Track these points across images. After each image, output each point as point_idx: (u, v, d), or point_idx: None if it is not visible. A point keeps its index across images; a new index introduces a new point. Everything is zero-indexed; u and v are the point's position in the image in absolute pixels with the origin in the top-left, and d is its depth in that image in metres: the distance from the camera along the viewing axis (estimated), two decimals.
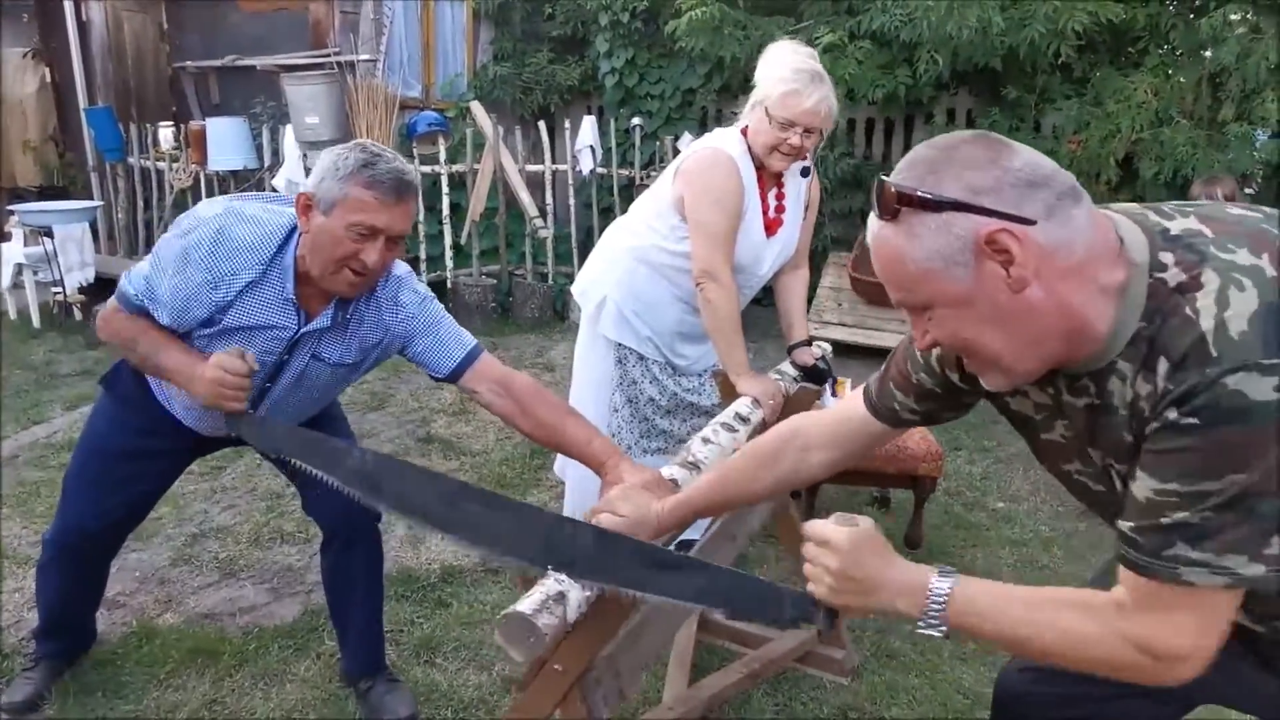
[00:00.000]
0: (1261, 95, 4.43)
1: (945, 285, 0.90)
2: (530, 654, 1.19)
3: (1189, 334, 0.83)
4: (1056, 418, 1.03)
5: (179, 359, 1.65)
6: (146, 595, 2.54)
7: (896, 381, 1.21)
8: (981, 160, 0.89)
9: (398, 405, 4.19)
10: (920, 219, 0.89)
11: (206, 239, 1.60)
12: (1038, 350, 0.92)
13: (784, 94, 2.06)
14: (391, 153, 1.59)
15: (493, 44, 7.10)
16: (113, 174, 6.53)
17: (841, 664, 2.22)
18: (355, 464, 1.52)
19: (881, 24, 4.78)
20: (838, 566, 1.00)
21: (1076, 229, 0.88)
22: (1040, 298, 0.88)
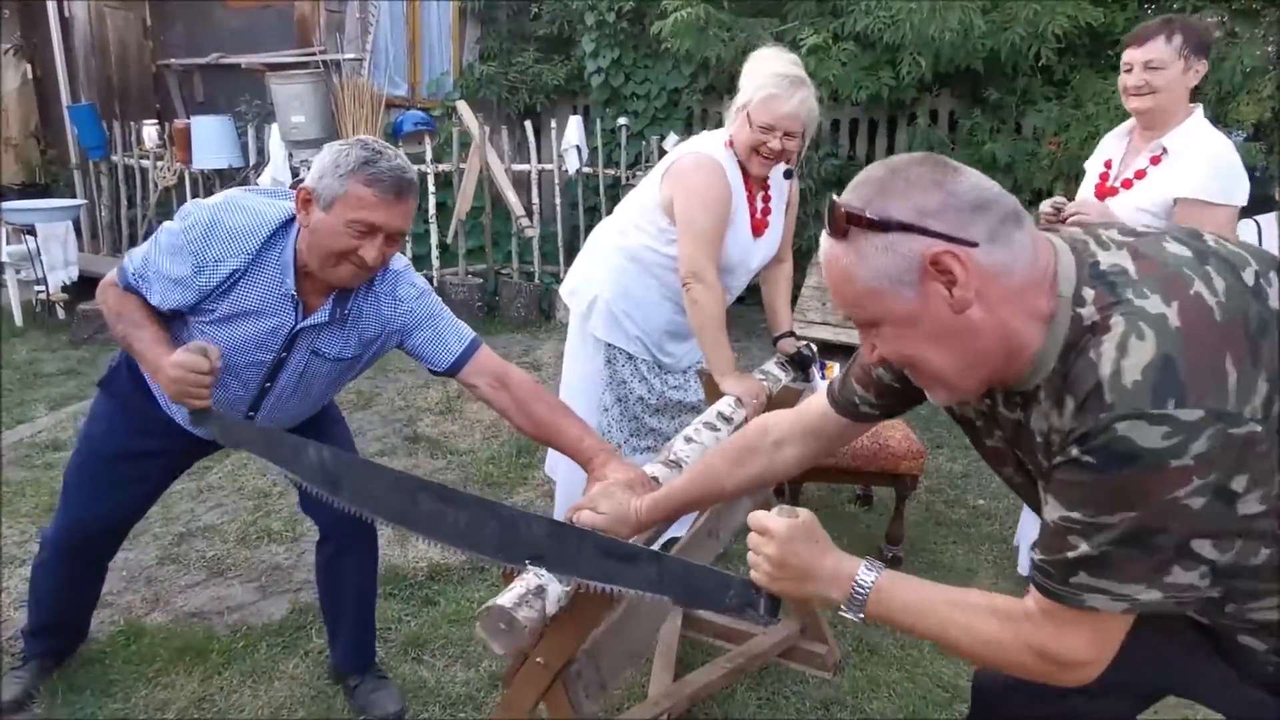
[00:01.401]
0: (1237, 99, 4.51)
1: (891, 304, 0.94)
2: (510, 646, 1.22)
3: (1090, 378, 0.87)
4: (994, 426, 1.09)
5: (149, 347, 1.65)
6: (134, 594, 2.54)
7: (858, 378, 1.26)
8: (928, 183, 0.92)
9: (384, 404, 4.19)
10: (868, 239, 0.93)
11: (200, 223, 1.62)
12: (978, 369, 0.97)
13: (764, 98, 2.09)
14: (393, 150, 1.60)
15: (479, 43, 7.11)
16: (96, 172, 6.49)
17: (824, 659, 2.26)
18: (314, 460, 1.56)
19: (865, 26, 4.83)
20: (775, 554, 1.07)
21: (1017, 253, 0.92)
22: (981, 318, 0.92)
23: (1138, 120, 2.29)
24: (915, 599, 1.03)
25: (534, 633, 1.27)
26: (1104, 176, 2.37)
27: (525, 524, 1.35)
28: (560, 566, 1.30)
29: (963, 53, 4.78)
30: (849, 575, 1.04)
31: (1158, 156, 2.22)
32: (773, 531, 1.07)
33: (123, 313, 1.68)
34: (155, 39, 6.90)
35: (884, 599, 1.03)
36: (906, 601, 1.03)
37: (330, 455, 1.57)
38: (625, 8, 5.97)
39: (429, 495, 1.45)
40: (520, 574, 1.30)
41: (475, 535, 1.38)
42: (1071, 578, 0.92)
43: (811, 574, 1.06)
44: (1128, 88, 2.23)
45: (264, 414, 1.81)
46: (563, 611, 1.30)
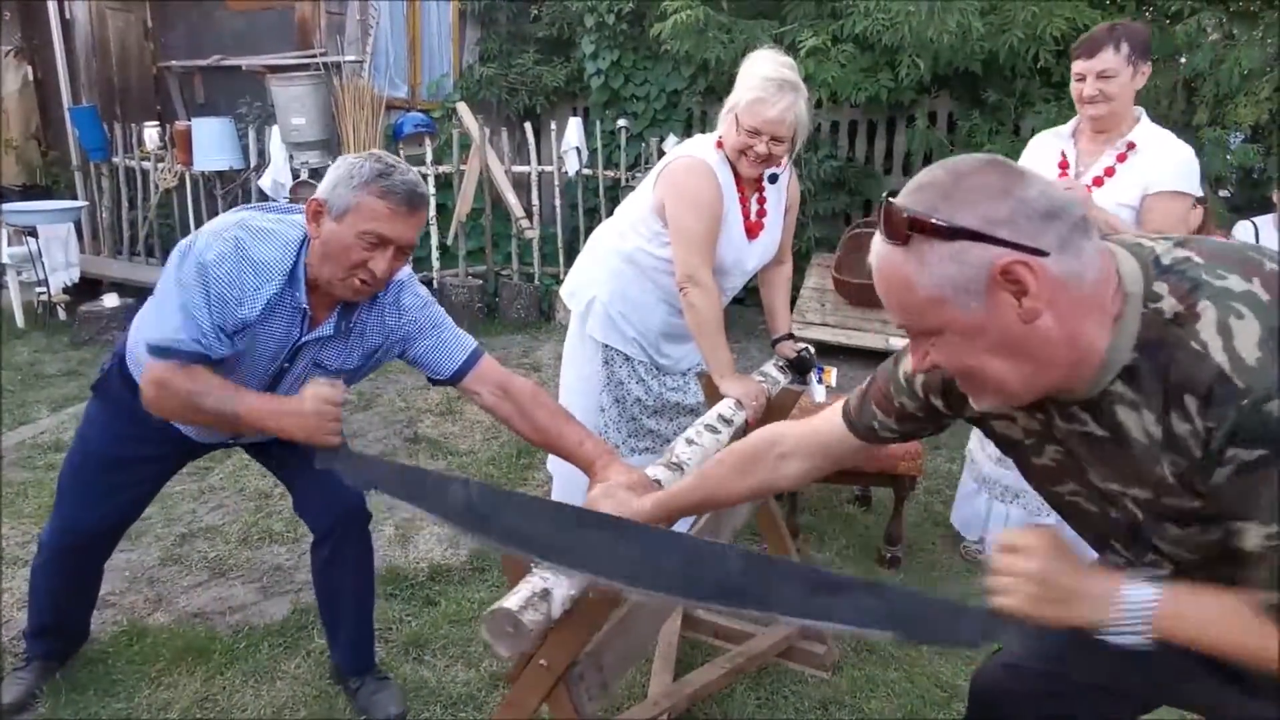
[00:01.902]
0: (1235, 100, 4.53)
1: (955, 314, 0.90)
2: (515, 649, 1.22)
3: (1205, 368, 0.84)
4: (1048, 443, 1.04)
5: (259, 403, 1.60)
6: (136, 595, 2.56)
7: (878, 402, 1.22)
8: (996, 189, 0.88)
9: (385, 405, 4.21)
10: (932, 246, 0.89)
11: (227, 258, 1.59)
12: (1042, 378, 0.93)
13: (751, 101, 2.09)
14: (405, 165, 1.62)
15: (479, 45, 7.12)
16: (97, 174, 6.50)
17: (822, 659, 2.27)
18: (459, 499, 1.41)
19: (864, 28, 4.83)
20: (1038, 573, 0.95)
21: (1087, 261, 0.89)
22: (1050, 328, 0.89)
23: (1090, 124, 2.41)
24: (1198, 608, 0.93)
25: (539, 635, 1.27)
26: (1063, 176, 2.44)
27: (714, 557, 1.21)
28: (758, 604, 1.17)
29: (961, 55, 4.80)
30: (1120, 594, 0.93)
31: (1124, 154, 2.35)
32: (1033, 549, 0.95)
33: (206, 390, 1.59)
34: (156, 41, 6.91)
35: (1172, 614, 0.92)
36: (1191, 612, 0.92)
37: (478, 492, 1.43)
38: (625, 9, 5.98)
39: (596, 529, 1.31)
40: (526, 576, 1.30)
41: (655, 571, 1.22)
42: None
43: (1078, 594, 0.94)
44: (1083, 97, 2.34)
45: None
46: (567, 614, 1.30)
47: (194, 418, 1.64)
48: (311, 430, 1.56)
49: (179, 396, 1.59)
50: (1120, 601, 0.93)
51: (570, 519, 1.34)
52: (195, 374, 1.60)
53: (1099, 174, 2.38)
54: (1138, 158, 2.34)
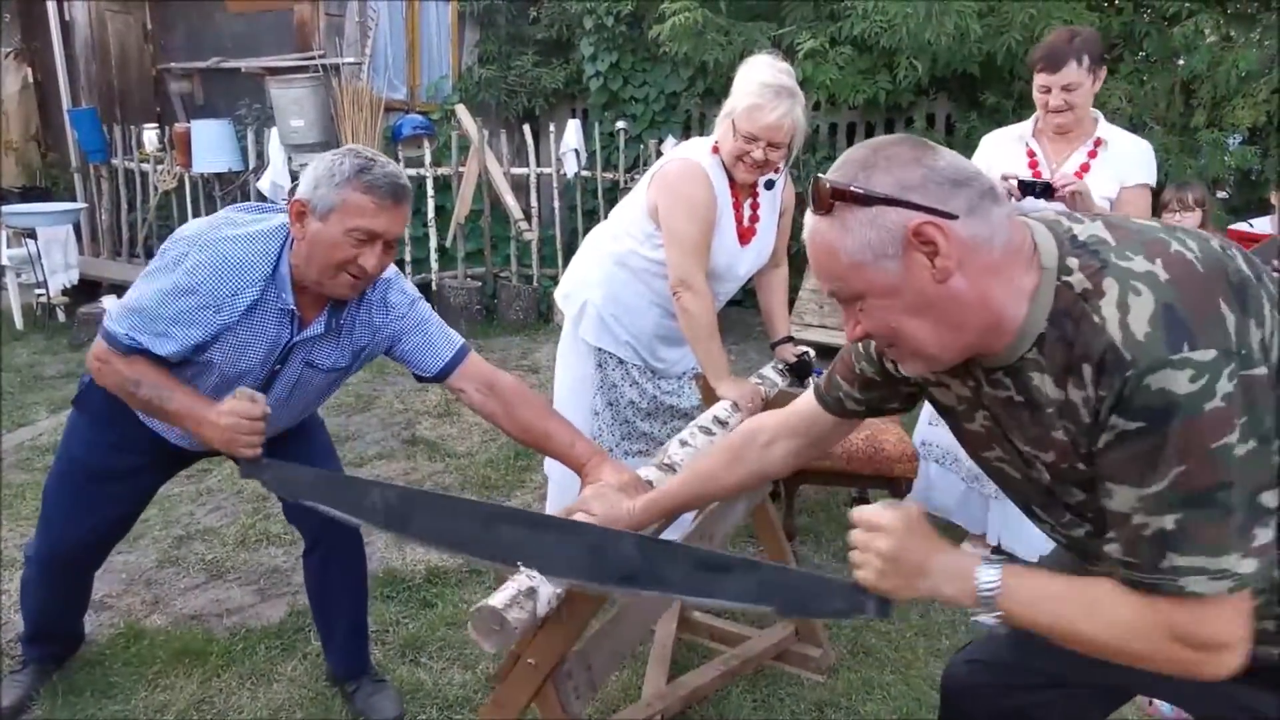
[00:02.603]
0: (1232, 102, 4.53)
1: (875, 276, 0.96)
2: (501, 646, 1.23)
3: (1101, 339, 0.89)
4: (977, 409, 1.10)
5: (186, 403, 1.61)
6: (134, 597, 2.56)
7: (842, 373, 1.28)
8: (909, 159, 0.95)
9: (383, 407, 4.21)
10: (852, 213, 0.95)
11: (205, 264, 1.58)
12: (958, 340, 0.99)
13: (748, 107, 2.09)
14: (384, 158, 1.61)
15: (478, 47, 7.13)
16: (96, 175, 6.51)
17: (818, 661, 2.27)
18: (379, 503, 1.48)
19: (862, 30, 4.84)
20: (887, 549, 1.02)
21: (996, 227, 0.95)
22: (963, 288, 0.95)
23: (1054, 129, 2.51)
24: (1044, 590, 0.98)
25: (525, 633, 1.28)
26: (1036, 175, 2.52)
27: (613, 543, 1.29)
28: (653, 583, 1.25)
29: (959, 56, 4.80)
30: (966, 571, 1.00)
31: (1094, 150, 2.49)
32: (885, 526, 1.02)
33: (140, 378, 1.61)
34: (155, 43, 6.92)
35: (1015, 595, 0.98)
36: (1036, 593, 0.98)
37: (396, 495, 1.49)
38: (624, 11, 5.99)
39: (509, 524, 1.37)
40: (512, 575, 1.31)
41: (564, 560, 1.29)
42: (1161, 562, 0.89)
43: (926, 570, 1.01)
44: (1050, 108, 2.45)
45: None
46: (554, 613, 1.31)
47: (131, 401, 1.68)
48: (226, 442, 1.57)
49: (116, 377, 1.64)
50: (969, 581, 0.99)
51: (484, 515, 1.41)
52: (133, 363, 1.62)
53: (1075, 171, 2.48)
54: (1108, 153, 2.49)
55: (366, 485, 1.54)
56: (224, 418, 1.56)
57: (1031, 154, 2.55)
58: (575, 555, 1.29)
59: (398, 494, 1.50)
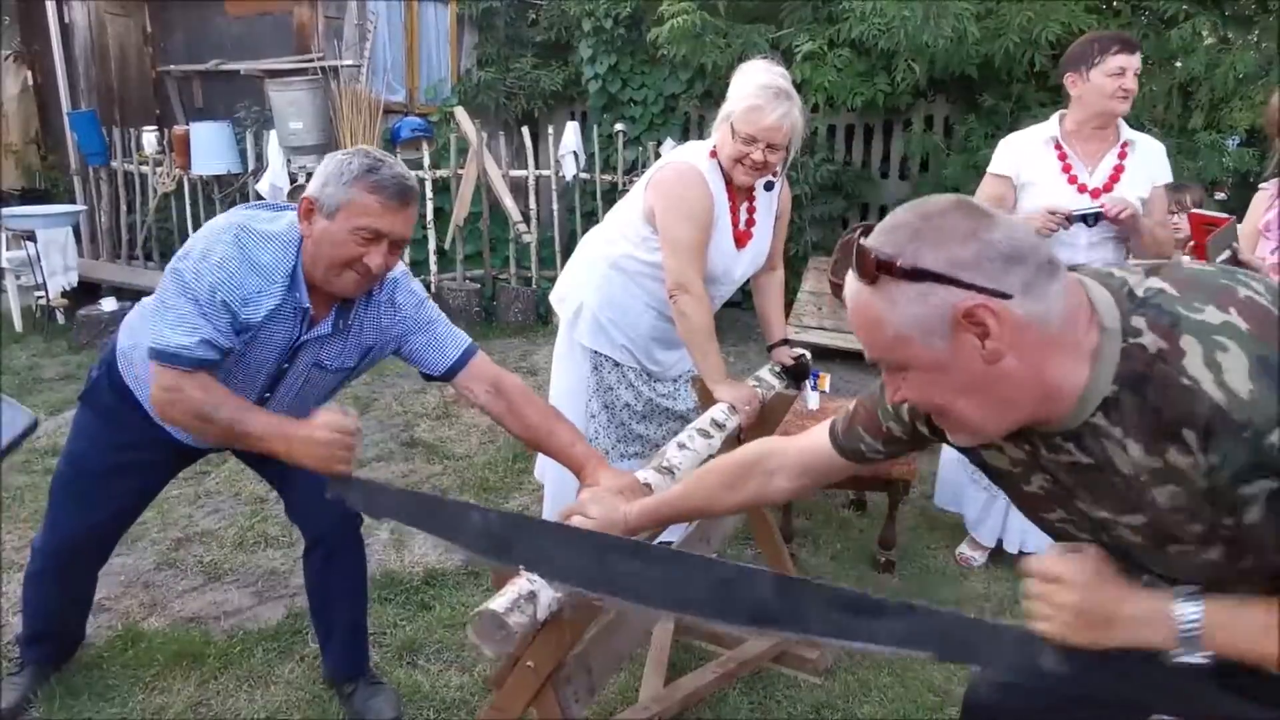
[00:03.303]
0: (1230, 104, 4.54)
1: (921, 352, 0.93)
2: (501, 650, 1.23)
3: (1200, 403, 0.85)
4: (1034, 472, 1.05)
5: (271, 423, 1.58)
6: (132, 599, 2.56)
7: (865, 426, 1.24)
8: (962, 232, 0.90)
9: (382, 409, 4.21)
10: (899, 287, 0.91)
11: (231, 260, 1.58)
12: (1009, 414, 0.95)
13: (747, 109, 2.10)
14: (393, 159, 1.62)
15: (476, 49, 7.14)
16: (96, 178, 6.52)
17: (815, 663, 2.27)
18: (479, 525, 1.39)
19: (860, 32, 4.84)
20: (1076, 603, 0.96)
21: (1052, 302, 0.90)
22: (1014, 367, 0.91)
23: (1098, 120, 2.48)
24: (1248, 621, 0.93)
25: (525, 637, 1.28)
26: (1072, 180, 2.51)
27: (744, 581, 1.19)
28: (792, 625, 1.16)
29: (957, 59, 4.80)
30: (1163, 615, 0.94)
31: (1124, 151, 2.51)
32: (1069, 579, 0.97)
33: (219, 403, 1.57)
34: (155, 45, 6.93)
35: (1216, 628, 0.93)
36: (1239, 624, 0.93)
37: (497, 518, 1.40)
38: (622, 14, 6.00)
39: (618, 554, 1.30)
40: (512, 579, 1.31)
41: (684, 596, 1.22)
42: None
43: (1117, 619, 0.95)
44: (1125, 91, 2.41)
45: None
46: (554, 616, 1.31)
47: (203, 428, 1.60)
48: (322, 459, 1.53)
49: (191, 406, 1.57)
50: (1168, 620, 0.93)
51: (596, 545, 1.32)
52: (207, 385, 1.58)
53: (1110, 173, 2.49)
54: (1136, 153, 2.51)
55: (464, 508, 1.44)
56: (319, 431, 1.52)
57: (1064, 156, 2.52)
58: (702, 591, 1.20)
59: (499, 519, 1.40)
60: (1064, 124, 2.54)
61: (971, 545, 2.91)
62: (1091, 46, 2.44)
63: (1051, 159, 2.53)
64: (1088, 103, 2.45)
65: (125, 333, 1.85)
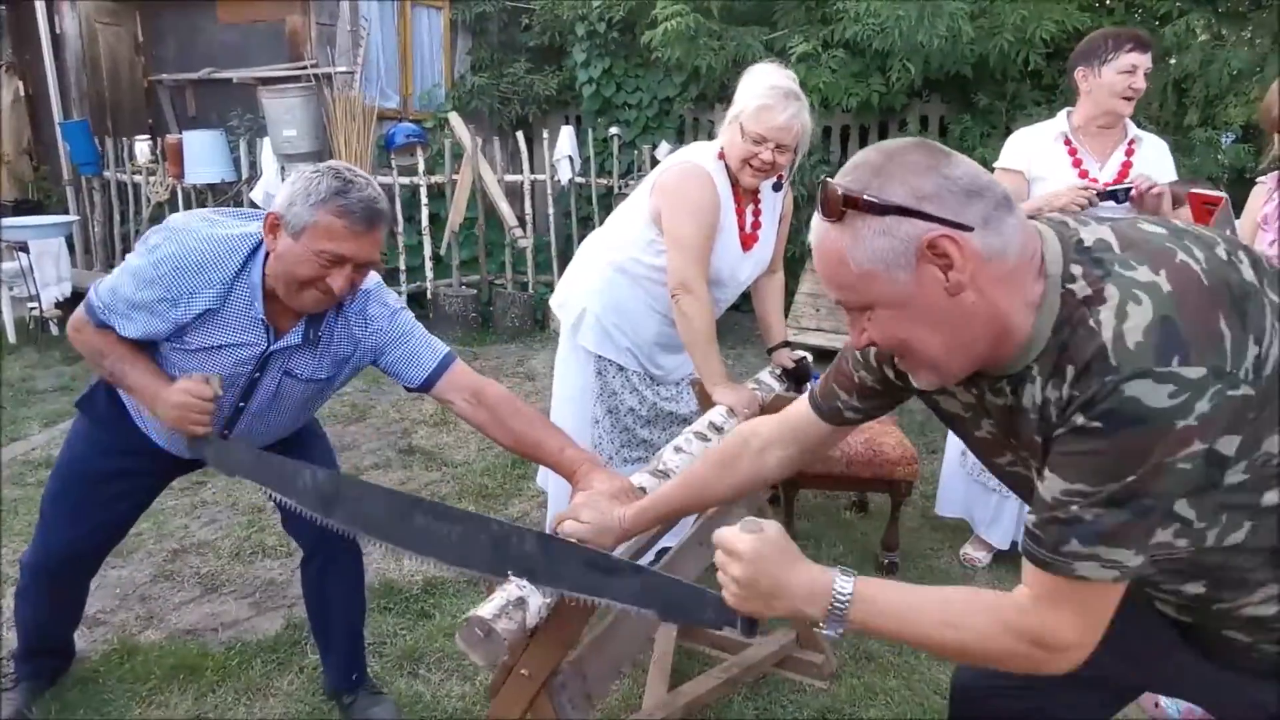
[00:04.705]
0: (1225, 100, 4.54)
1: (885, 287, 0.94)
2: (490, 658, 1.22)
3: (1092, 344, 0.87)
4: (982, 416, 1.08)
5: (144, 379, 1.66)
6: (127, 612, 2.53)
7: (839, 381, 1.26)
8: (924, 167, 0.92)
9: (378, 417, 4.19)
10: (865, 221, 0.92)
11: (168, 258, 1.60)
12: (968, 352, 0.97)
13: (758, 108, 2.09)
14: (365, 177, 1.59)
15: (470, 54, 7.13)
16: (88, 188, 6.49)
17: (820, 668, 2.25)
18: (308, 483, 1.57)
19: (854, 33, 4.85)
20: (741, 574, 1.03)
21: (1009, 238, 0.92)
22: (974, 301, 0.93)
23: (1105, 118, 2.48)
24: (898, 602, 1.01)
25: (515, 644, 1.26)
26: (1083, 174, 2.51)
27: (516, 538, 1.34)
28: (547, 579, 1.30)
29: (952, 59, 4.81)
30: (825, 589, 1.01)
31: (1131, 148, 2.51)
32: (738, 551, 1.04)
33: (105, 350, 1.69)
34: (146, 54, 6.90)
35: (866, 607, 1.00)
36: (888, 606, 1.01)
37: (324, 477, 1.57)
38: (616, 18, 5.99)
39: (422, 513, 1.44)
40: (502, 585, 1.30)
41: (467, 551, 1.38)
42: (1063, 546, 0.91)
43: (782, 592, 1.02)
44: (1135, 90, 2.41)
45: (238, 433, 1.79)
46: (544, 623, 1.30)
47: (98, 370, 1.75)
48: (176, 419, 1.62)
49: (86, 345, 1.71)
50: (825, 598, 1.00)
51: (403, 504, 1.47)
52: (104, 334, 1.68)
53: (1119, 169, 2.49)
54: (1142, 151, 2.52)
55: (298, 467, 1.61)
56: (175, 395, 1.61)
57: (1074, 151, 2.53)
58: (479, 546, 1.36)
59: (326, 477, 1.58)
60: (1072, 119, 2.54)
61: (976, 545, 2.89)
62: (1105, 43, 2.42)
63: (1062, 153, 2.53)
64: (1097, 99, 2.45)
65: None
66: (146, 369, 1.68)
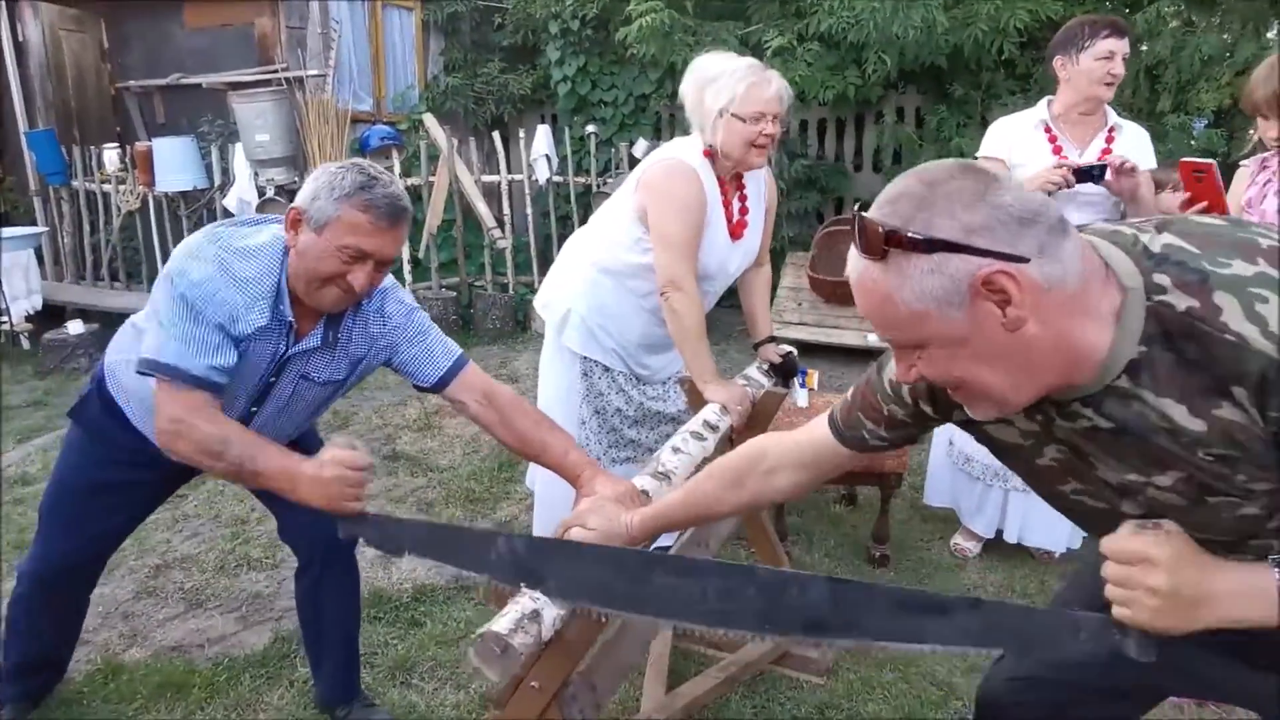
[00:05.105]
0: (1196, 86, 4.59)
1: (938, 326, 0.88)
2: (506, 673, 1.19)
3: (1249, 358, 0.82)
4: (1048, 443, 1.02)
5: (279, 461, 1.49)
6: (110, 630, 2.48)
7: (866, 413, 1.20)
8: (971, 196, 0.86)
9: (361, 423, 4.14)
10: (910, 260, 0.86)
11: (213, 278, 1.52)
12: (1035, 383, 0.92)
13: (749, 88, 2.10)
14: (389, 176, 1.57)
15: (443, 55, 7.07)
16: (56, 198, 6.37)
17: (817, 663, 2.24)
18: (504, 553, 1.30)
19: (829, 26, 4.85)
20: (1164, 584, 0.87)
21: (1069, 264, 0.87)
22: (1037, 333, 0.87)
23: (1085, 105, 2.48)
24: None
25: (529, 658, 1.24)
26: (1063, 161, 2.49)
27: (795, 587, 1.12)
28: (848, 631, 1.09)
29: (927, 49, 4.82)
30: (1265, 587, 0.87)
31: (1111, 135, 2.50)
32: (1154, 558, 0.88)
33: (229, 437, 1.50)
34: (112, 61, 6.79)
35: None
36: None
37: (524, 544, 1.31)
38: (589, 15, 5.96)
39: (663, 570, 1.22)
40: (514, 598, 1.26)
41: (732, 609, 1.15)
42: None
43: (1209, 597, 0.88)
44: (1113, 76, 2.41)
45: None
46: (557, 635, 1.27)
47: (210, 465, 1.51)
48: (332, 498, 1.45)
49: (198, 440, 1.49)
50: (1268, 592, 0.87)
51: (633, 562, 1.26)
52: (215, 418, 1.51)
53: (1098, 156, 2.48)
54: (1123, 138, 2.51)
55: (486, 537, 1.35)
56: (327, 470, 1.44)
57: (1054, 139, 2.53)
58: (746, 601, 1.14)
59: (525, 544, 1.31)
60: (1052, 108, 2.55)
61: (966, 535, 2.89)
62: (1081, 29, 2.43)
63: (1042, 141, 2.53)
64: (1076, 86, 2.45)
65: (113, 349, 1.81)
66: (277, 450, 1.52)
